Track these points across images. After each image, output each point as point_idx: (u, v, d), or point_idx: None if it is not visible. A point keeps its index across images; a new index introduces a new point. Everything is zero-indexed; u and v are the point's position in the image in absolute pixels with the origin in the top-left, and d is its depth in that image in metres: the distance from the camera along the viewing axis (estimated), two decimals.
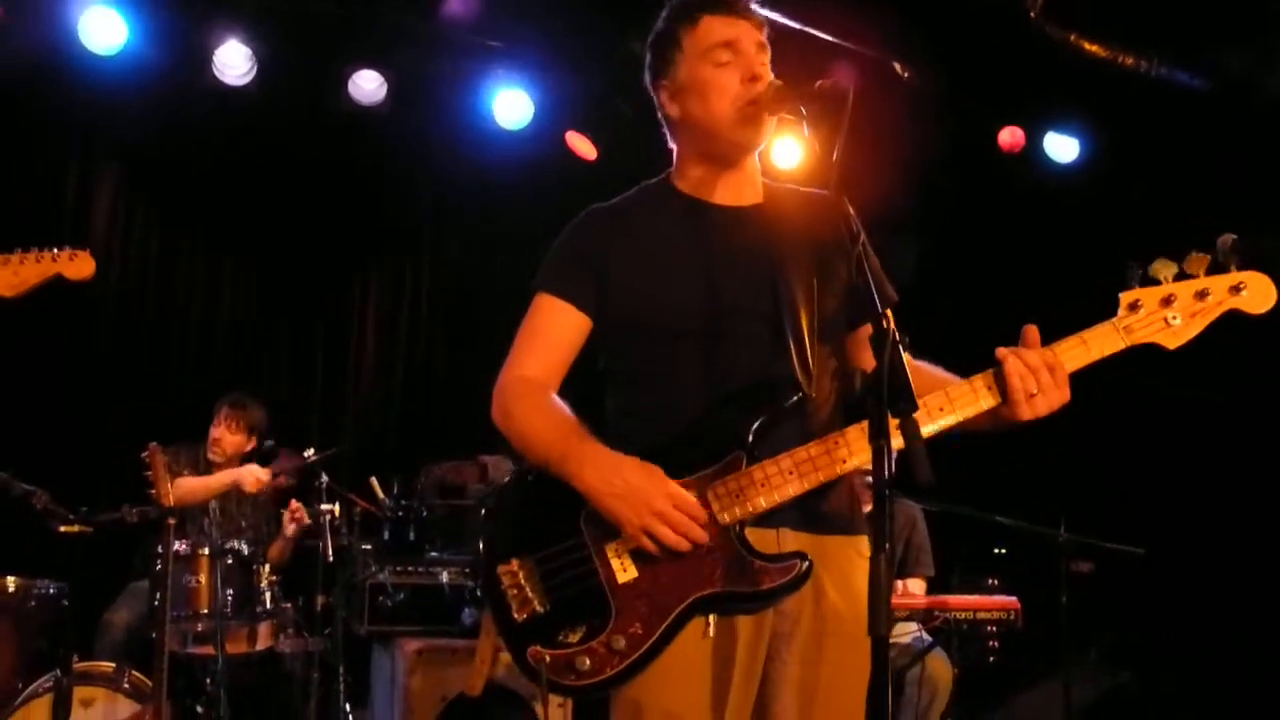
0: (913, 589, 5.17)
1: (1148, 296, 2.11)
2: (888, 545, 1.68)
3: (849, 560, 2.20)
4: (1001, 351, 2.07)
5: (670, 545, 2.04)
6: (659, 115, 2.39)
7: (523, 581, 2.12)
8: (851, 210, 1.91)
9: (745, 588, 2.06)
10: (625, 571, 2.08)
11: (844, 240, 2.24)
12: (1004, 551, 5.98)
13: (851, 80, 2.04)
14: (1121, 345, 2.12)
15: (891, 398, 1.70)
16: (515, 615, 2.11)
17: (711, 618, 2.08)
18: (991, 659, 4.79)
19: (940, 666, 4.88)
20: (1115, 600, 5.75)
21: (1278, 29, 5.53)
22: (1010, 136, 6.64)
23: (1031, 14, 5.60)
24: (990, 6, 5.68)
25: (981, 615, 4.68)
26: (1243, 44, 5.74)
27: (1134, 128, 6.36)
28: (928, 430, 2.04)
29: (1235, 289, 2.12)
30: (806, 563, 2.08)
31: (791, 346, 2.19)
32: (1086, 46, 5.75)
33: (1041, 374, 2.04)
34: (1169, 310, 2.11)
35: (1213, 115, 5.99)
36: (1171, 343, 2.13)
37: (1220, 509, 6.11)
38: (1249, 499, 6.04)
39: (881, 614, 1.67)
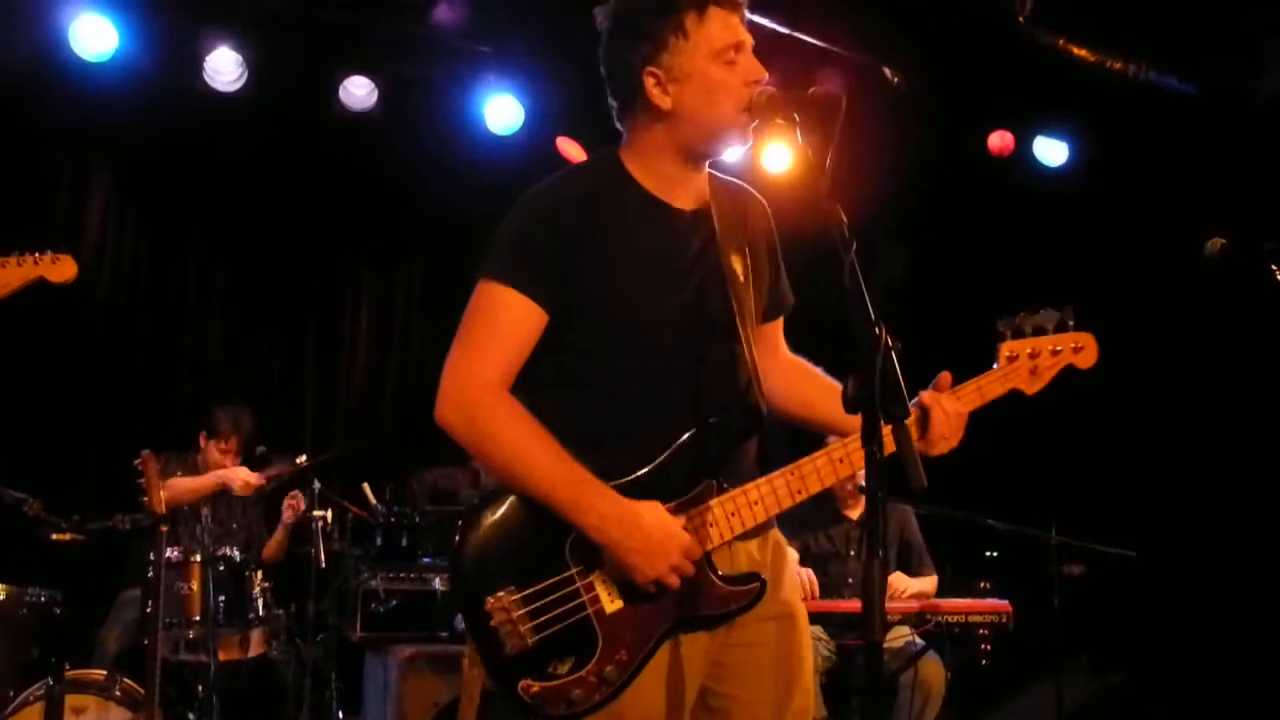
0: (923, 586, 5.12)
1: (1020, 349, 2.40)
2: (880, 550, 1.68)
3: (775, 550, 2.28)
4: (926, 398, 2.23)
5: (671, 588, 2.08)
6: (626, 94, 2.24)
7: (513, 616, 2.06)
8: (844, 218, 1.90)
9: (713, 610, 2.14)
10: (613, 602, 2.09)
11: (767, 234, 2.36)
12: (995, 555, 6.00)
13: (843, 88, 2.03)
14: (1002, 391, 2.37)
15: (884, 404, 1.71)
16: (506, 651, 2.06)
17: (681, 635, 2.14)
18: (984, 662, 4.81)
19: (933, 670, 4.89)
20: (1106, 603, 5.77)
21: (1264, 34, 5.56)
22: (1000, 140, 6.67)
23: (1020, 18, 5.63)
24: (979, 11, 5.70)
25: (973, 618, 4.69)
26: (1230, 49, 5.77)
27: (1123, 132, 6.39)
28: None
29: (1076, 348, 2.42)
30: (762, 582, 2.17)
31: (748, 362, 2.21)
32: (1075, 51, 5.78)
33: (953, 421, 2.23)
34: (1033, 362, 2.40)
35: (1201, 119, 6.02)
36: (1030, 389, 2.41)
37: (1211, 512, 6.13)
38: (1239, 502, 6.06)
39: (876, 619, 1.68)
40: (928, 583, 5.17)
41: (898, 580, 5.02)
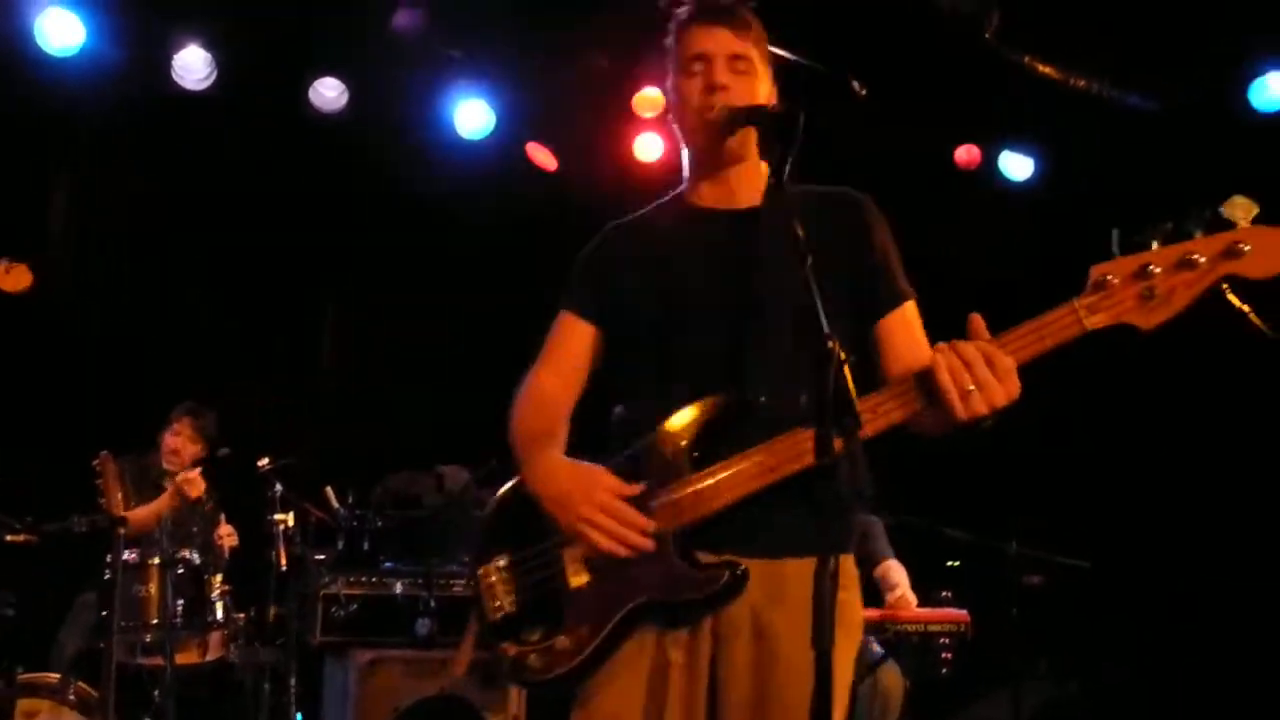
0: (898, 575, 5.02)
1: (1118, 269, 1.75)
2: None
3: (804, 582, 1.91)
4: (937, 346, 1.94)
5: (602, 549, 2.08)
6: None
7: (496, 582, 2.21)
8: (800, 231, 1.91)
9: (674, 596, 2.09)
10: (578, 576, 2.15)
11: (849, 233, 2.30)
12: (957, 565, 6.05)
13: (801, 103, 2.02)
14: (1077, 330, 1.82)
15: (836, 415, 1.72)
16: (488, 614, 2.21)
17: (661, 630, 2.10)
18: (943, 670, 4.83)
19: (893, 678, 4.91)
20: (1063, 613, 5.82)
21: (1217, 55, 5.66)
22: (966, 154, 6.72)
23: (987, 35, 5.68)
24: (947, 27, 5.75)
25: (933, 628, 4.72)
26: (1187, 69, 5.86)
27: (1090, 146, 6.46)
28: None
29: (1231, 251, 1.69)
30: (732, 573, 2.05)
31: (750, 352, 2.16)
32: (1040, 68, 5.84)
33: (978, 367, 1.85)
34: (1144, 282, 1.73)
35: (1167, 134, 6.09)
36: (1146, 322, 1.76)
37: (1165, 523, 6.20)
38: (1195, 513, 6.13)
39: (826, 627, 1.69)
40: (901, 575, 5.05)
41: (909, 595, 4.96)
